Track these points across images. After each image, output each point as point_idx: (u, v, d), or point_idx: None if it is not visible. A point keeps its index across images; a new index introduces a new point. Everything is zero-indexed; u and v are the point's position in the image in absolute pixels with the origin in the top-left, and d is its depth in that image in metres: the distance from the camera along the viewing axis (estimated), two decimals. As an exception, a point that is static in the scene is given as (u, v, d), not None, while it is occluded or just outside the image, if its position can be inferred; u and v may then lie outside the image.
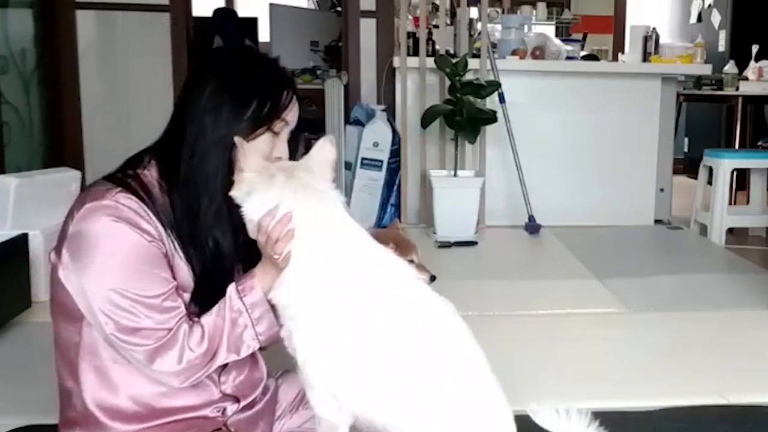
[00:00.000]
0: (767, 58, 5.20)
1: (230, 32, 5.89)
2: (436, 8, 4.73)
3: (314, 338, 1.18)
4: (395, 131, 4.29)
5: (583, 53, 5.30)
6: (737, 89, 4.91)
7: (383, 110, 4.35)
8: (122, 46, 4.54)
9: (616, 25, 7.30)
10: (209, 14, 6.18)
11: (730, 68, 4.99)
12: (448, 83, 4.04)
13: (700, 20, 6.77)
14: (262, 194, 1.20)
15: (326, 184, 1.25)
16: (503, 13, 5.87)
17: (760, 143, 5.32)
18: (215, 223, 1.25)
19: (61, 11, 4.38)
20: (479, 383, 1.18)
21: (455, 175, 4.09)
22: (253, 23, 6.25)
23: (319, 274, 1.19)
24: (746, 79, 5.08)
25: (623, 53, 5.97)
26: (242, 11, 6.96)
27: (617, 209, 4.50)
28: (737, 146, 4.95)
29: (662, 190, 4.62)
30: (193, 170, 1.25)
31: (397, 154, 4.29)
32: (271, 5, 5.48)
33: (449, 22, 4.72)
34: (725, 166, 4.12)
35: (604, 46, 6.03)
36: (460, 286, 1.47)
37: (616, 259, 3.74)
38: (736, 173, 4.46)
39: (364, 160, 4.27)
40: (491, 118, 4.01)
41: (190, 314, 1.25)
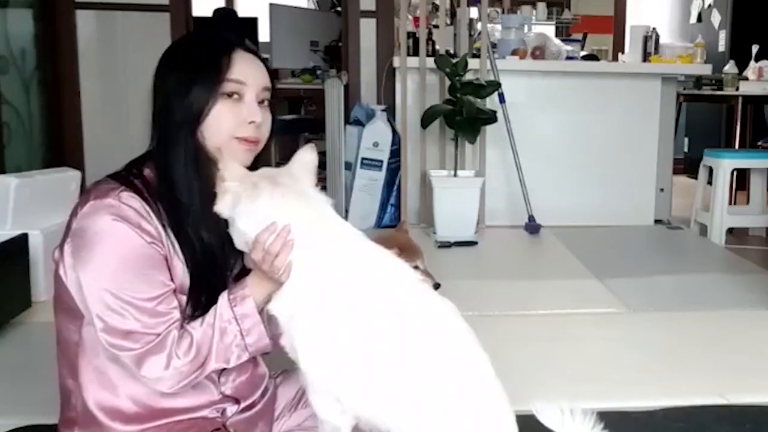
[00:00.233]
0: (767, 58, 5.20)
1: (230, 32, 5.88)
2: (436, 8, 4.73)
3: (317, 344, 1.18)
4: (395, 131, 4.29)
5: (583, 53, 5.29)
6: (737, 89, 4.90)
7: (383, 110, 4.35)
8: (122, 46, 4.54)
9: (616, 25, 7.30)
10: (209, 14, 6.18)
11: (730, 68, 4.99)
12: (448, 83, 4.04)
13: (700, 20, 6.76)
14: (249, 206, 1.18)
15: (312, 188, 1.25)
16: (503, 13, 5.88)
17: (760, 143, 5.32)
18: (199, 217, 1.24)
19: (61, 11, 4.39)
20: (481, 384, 1.18)
21: (455, 175, 4.09)
22: (253, 23, 6.25)
23: (320, 281, 1.19)
24: (746, 79, 5.07)
25: (623, 53, 5.97)
26: (242, 11, 6.96)
27: (617, 209, 4.50)
28: (737, 146, 4.95)
29: (662, 190, 4.62)
30: (163, 158, 1.25)
31: (397, 154, 4.29)
32: (271, 5, 5.47)
33: (449, 22, 4.72)
34: (725, 166, 4.12)
35: (604, 46, 6.02)
36: (460, 286, 1.47)
37: (616, 259, 3.74)
38: (736, 173, 4.46)
39: (364, 160, 4.27)
40: (491, 118, 4.01)
41: (185, 318, 1.24)
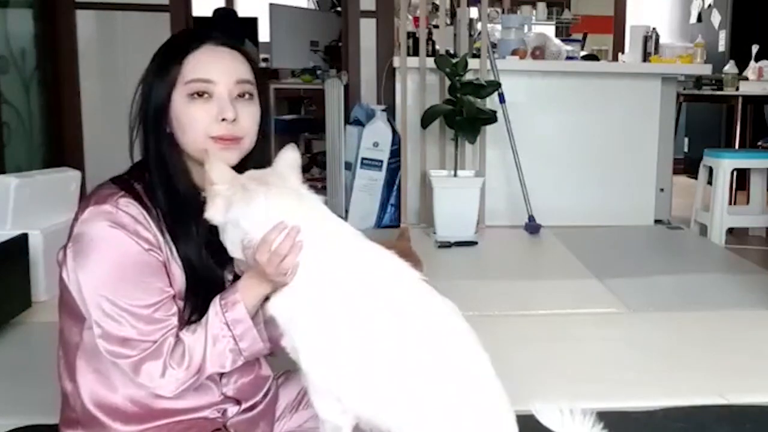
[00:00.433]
0: (767, 58, 5.20)
1: (230, 32, 5.89)
2: (436, 8, 4.73)
3: (318, 344, 1.18)
4: (395, 131, 4.29)
5: (583, 53, 5.30)
6: (737, 89, 4.90)
7: (383, 110, 4.35)
8: (122, 46, 4.54)
9: (616, 25, 7.30)
10: (209, 14, 6.19)
11: (730, 68, 4.99)
12: (448, 83, 4.04)
13: (700, 20, 6.76)
14: (244, 209, 1.17)
15: (303, 187, 1.24)
16: (503, 13, 5.88)
17: (760, 143, 5.32)
18: (193, 222, 1.23)
19: (61, 11, 4.38)
20: (481, 384, 1.18)
21: (455, 175, 4.09)
22: (253, 23, 6.25)
23: (320, 281, 1.18)
24: (746, 79, 5.07)
25: (623, 53, 5.97)
26: (242, 11, 6.96)
27: (617, 209, 4.50)
28: (737, 146, 4.95)
29: (662, 190, 4.62)
30: (146, 164, 1.25)
31: (397, 154, 4.29)
32: (271, 5, 5.48)
33: (449, 22, 4.72)
34: (725, 166, 4.12)
35: (604, 46, 6.03)
36: (460, 286, 1.47)
37: (616, 259, 3.74)
38: (736, 173, 4.46)
39: (364, 160, 4.27)
40: (491, 118, 4.01)
41: (183, 323, 1.24)
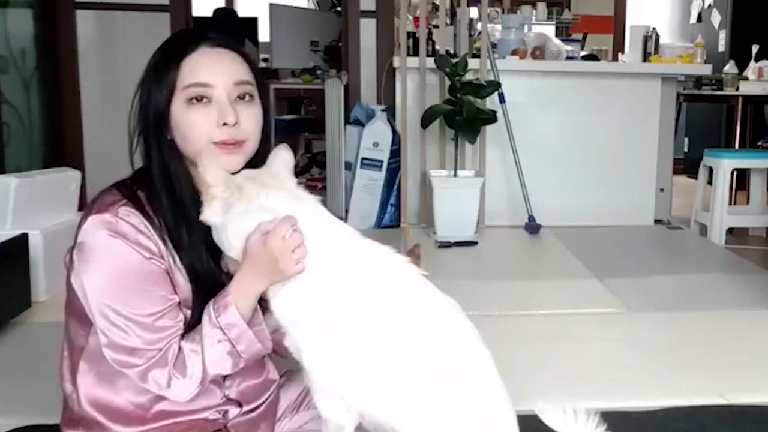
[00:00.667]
0: (767, 58, 5.20)
1: (230, 32, 5.89)
2: (436, 8, 4.73)
3: (320, 344, 1.18)
4: (395, 131, 4.29)
5: (583, 53, 5.30)
6: (737, 89, 4.90)
7: (383, 110, 4.35)
8: (122, 45, 4.54)
9: (616, 25, 7.30)
10: (209, 14, 6.19)
11: (730, 68, 4.99)
12: (448, 83, 4.04)
13: (700, 20, 6.76)
14: (244, 210, 1.18)
15: (298, 188, 1.25)
16: (503, 13, 5.88)
17: (760, 143, 5.32)
18: (194, 228, 1.22)
19: (60, 11, 4.39)
20: (482, 383, 1.18)
21: (455, 175, 4.09)
22: (253, 23, 6.26)
23: (321, 281, 1.18)
24: (746, 79, 5.07)
25: (623, 53, 5.97)
26: (242, 11, 6.97)
27: (617, 209, 4.50)
28: (737, 146, 4.95)
29: (662, 190, 4.62)
30: (147, 171, 1.24)
31: (397, 154, 4.29)
32: (271, 5, 5.48)
33: (449, 22, 4.72)
34: (725, 166, 4.12)
35: (604, 46, 6.02)
36: (460, 286, 1.47)
37: (616, 259, 3.74)
38: (736, 173, 4.46)
39: (364, 160, 4.27)
40: (491, 118, 4.01)
41: (187, 330, 1.24)
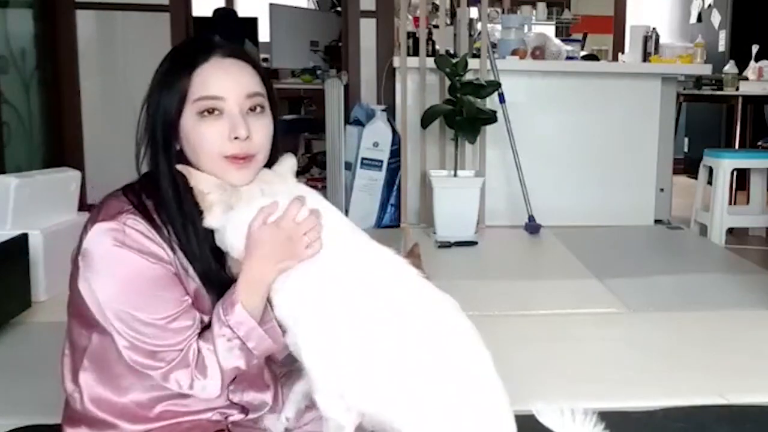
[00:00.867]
0: (767, 58, 5.20)
1: (230, 32, 5.89)
2: (436, 8, 4.73)
3: (319, 342, 1.18)
4: (395, 131, 4.29)
5: (583, 53, 5.29)
6: (737, 89, 4.90)
7: (383, 110, 4.35)
8: (122, 46, 4.54)
9: (616, 25, 7.30)
10: (209, 14, 6.18)
11: (730, 68, 4.99)
12: (448, 83, 4.04)
13: (700, 20, 6.76)
14: (245, 209, 1.19)
15: (298, 183, 1.27)
16: (503, 13, 5.88)
17: (760, 143, 5.32)
18: (201, 236, 1.22)
19: (60, 11, 4.38)
20: (481, 383, 1.18)
21: (455, 175, 4.09)
22: (253, 23, 6.25)
23: (321, 279, 1.19)
24: (746, 79, 5.07)
25: (623, 53, 5.97)
26: (242, 11, 6.96)
27: (617, 209, 4.50)
28: (737, 146, 4.95)
29: (662, 190, 4.62)
30: (154, 168, 1.24)
31: (397, 154, 4.29)
32: (271, 5, 5.48)
33: (449, 22, 4.72)
34: (725, 166, 4.12)
35: (604, 46, 6.02)
36: (460, 286, 1.48)
37: (616, 259, 3.74)
38: (736, 173, 4.46)
39: (364, 160, 4.27)
40: (491, 118, 4.01)
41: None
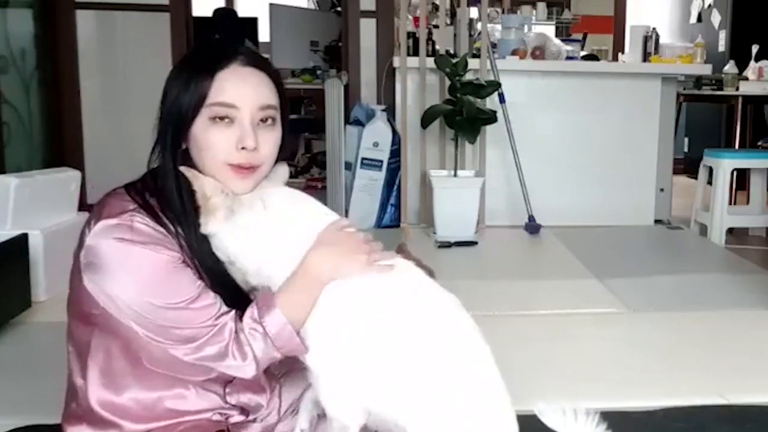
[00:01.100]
0: (767, 58, 5.20)
1: (230, 32, 5.90)
2: (436, 8, 4.73)
3: (323, 339, 1.19)
4: (395, 131, 4.29)
5: (583, 53, 5.29)
6: (737, 89, 4.90)
7: (383, 110, 4.35)
8: (122, 46, 4.54)
9: (616, 25, 7.30)
10: (209, 14, 6.19)
11: (730, 68, 4.99)
12: (448, 83, 4.04)
13: (700, 20, 6.76)
14: (246, 212, 1.20)
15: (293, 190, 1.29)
16: (503, 13, 5.87)
17: (760, 143, 5.32)
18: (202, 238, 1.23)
19: (60, 11, 4.38)
20: (482, 383, 1.18)
21: (455, 175, 4.09)
22: (253, 23, 6.25)
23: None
24: (746, 79, 5.07)
25: (623, 53, 5.97)
26: (242, 11, 6.97)
27: (617, 209, 4.50)
28: (737, 146, 4.95)
29: (662, 190, 4.62)
30: (162, 165, 1.24)
31: (397, 154, 4.29)
32: (271, 5, 5.48)
33: (449, 22, 4.71)
34: (725, 166, 4.12)
35: (604, 46, 6.02)
36: (460, 286, 1.47)
37: (616, 259, 3.74)
38: (736, 173, 4.46)
39: (364, 160, 4.27)
40: (491, 118, 4.01)
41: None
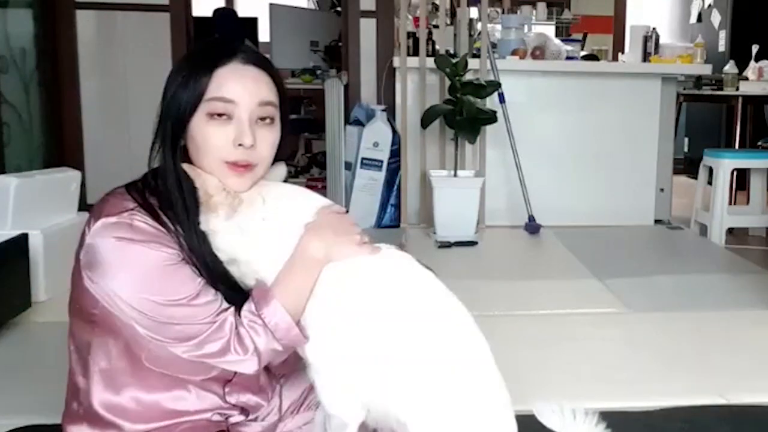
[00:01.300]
0: (767, 58, 5.20)
1: (230, 32, 5.89)
2: (436, 8, 4.73)
3: (323, 334, 1.19)
4: (395, 131, 4.29)
5: (583, 53, 5.29)
6: (737, 89, 4.90)
7: (383, 110, 4.35)
8: (122, 46, 4.54)
9: (616, 25, 7.29)
10: (209, 14, 6.19)
11: (730, 68, 4.99)
12: (448, 83, 4.04)
13: (700, 20, 6.76)
14: (246, 210, 1.20)
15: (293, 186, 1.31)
16: (503, 13, 5.87)
17: (760, 143, 5.32)
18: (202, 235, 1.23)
19: (61, 11, 4.38)
20: (482, 383, 1.18)
21: (455, 175, 4.09)
22: (253, 23, 6.26)
23: (326, 270, 1.21)
24: (746, 79, 5.07)
25: (623, 53, 5.97)
26: (242, 11, 6.97)
27: (617, 209, 4.50)
28: (737, 146, 4.95)
29: (662, 190, 4.62)
30: (162, 162, 1.24)
31: (397, 154, 4.29)
32: (271, 5, 5.48)
33: (449, 22, 4.72)
34: (725, 166, 4.12)
35: (604, 46, 6.02)
36: (460, 286, 1.47)
37: (616, 259, 3.74)
38: (736, 173, 4.46)
39: (364, 160, 4.27)
40: (491, 118, 4.01)
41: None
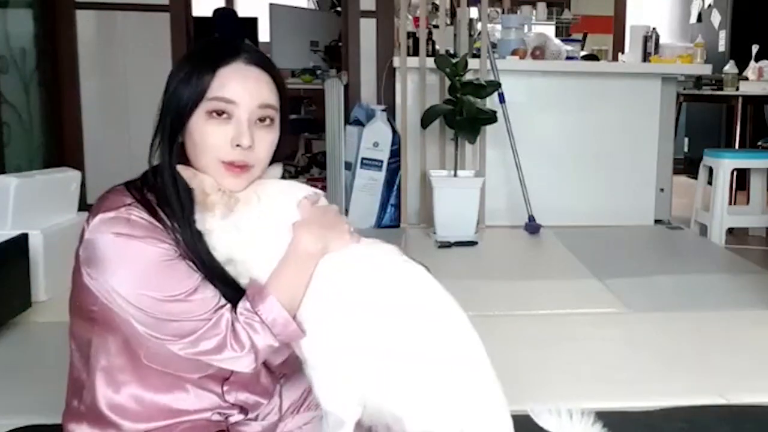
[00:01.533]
0: (767, 58, 5.20)
1: (230, 32, 5.89)
2: (436, 8, 4.73)
3: (319, 330, 1.20)
4: (395, 131, 4.29)
5: (583, 53, 5.29)
6: (737, 89, 4.90)
7: (383, 110, 4.35)
8: (122, 46, 4.54)
9: (616, 25, 7.29)
10: (209, 14, 6.19)
11: (730, 68, 4.99)
12: (448, 83, 4.04)
13: (700, 20, 6.76)
14: (242, 209, 1.20)
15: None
16: (503, 13, 5.87)
17: (760, 143, 5.32)
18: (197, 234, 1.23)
19: (61, 11, 4.38)
20: (479, 383, 1.18)
21: (455, 175, 4.09)
22: (253, 23, 6.26)
23: (319, 268, 1.21)
24: (746, 79, 5.07)
25: (623, 53, 5.97)
26: (242, 11, 6.97)
27: (617, 209, 4.50)
28: (737, 146, 4.95)
29: (662, 190, 4.62)
30: (158, 175, 1.24)
31: (397, 154, 4.29)
32: (271, 5, 5.48)
33: (449, 22, 4.72)
34: (725, 166, 4.12)
35: (604, 46, 6.02)
36: (460, 286, 1.47)
37: (616, 259, 3.74)
38: (736, 173, 4.46)
39: (364, 160, 4.27)
40: (491, 118, 4.01)
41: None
